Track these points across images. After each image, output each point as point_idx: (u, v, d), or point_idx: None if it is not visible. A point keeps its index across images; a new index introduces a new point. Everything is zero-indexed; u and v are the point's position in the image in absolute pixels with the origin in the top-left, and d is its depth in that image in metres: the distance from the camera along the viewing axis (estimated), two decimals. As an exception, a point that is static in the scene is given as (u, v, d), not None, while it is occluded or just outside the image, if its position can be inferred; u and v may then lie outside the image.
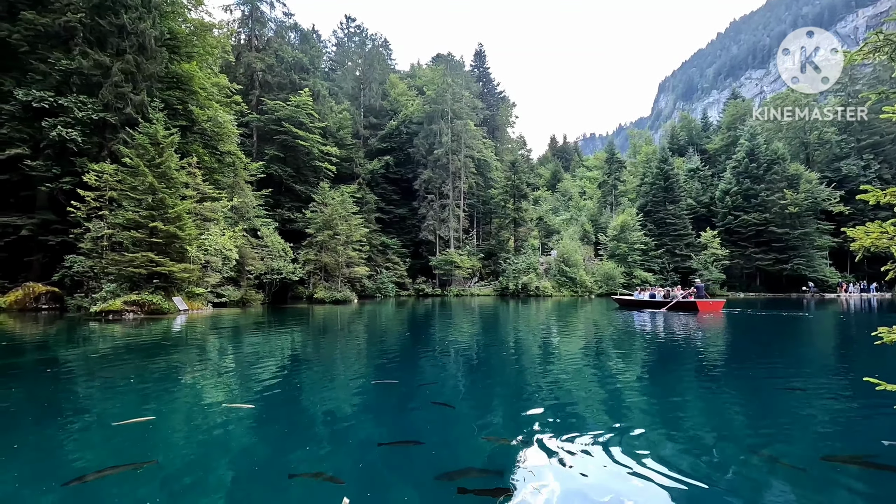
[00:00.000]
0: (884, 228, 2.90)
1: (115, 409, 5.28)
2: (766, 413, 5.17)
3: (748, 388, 6.48)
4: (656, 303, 23.49)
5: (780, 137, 54.81)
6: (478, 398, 5.99)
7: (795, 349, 11.04)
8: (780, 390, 6.23)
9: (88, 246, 20.44)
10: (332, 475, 3.31)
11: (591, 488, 3.17)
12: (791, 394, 5.98)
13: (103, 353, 9.60)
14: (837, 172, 50.39)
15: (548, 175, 78.62)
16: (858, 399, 5.62)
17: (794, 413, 5.17)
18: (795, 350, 10.89)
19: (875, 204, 3.05)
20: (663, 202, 52.59)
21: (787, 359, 9.35)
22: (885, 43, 3.13)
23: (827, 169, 51.57)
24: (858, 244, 3.02)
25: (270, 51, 42.58)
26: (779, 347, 11.11)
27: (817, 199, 47.33)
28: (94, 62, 22.09)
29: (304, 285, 34.22)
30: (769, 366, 8.38)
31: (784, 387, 6.39)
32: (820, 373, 7.73)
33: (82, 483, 3.20)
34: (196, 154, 25.25)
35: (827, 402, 5.58)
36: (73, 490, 3.11)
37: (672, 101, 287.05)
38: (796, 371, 7.82)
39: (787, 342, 12.17)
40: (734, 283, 50.02)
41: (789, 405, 5.50)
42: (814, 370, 7.97)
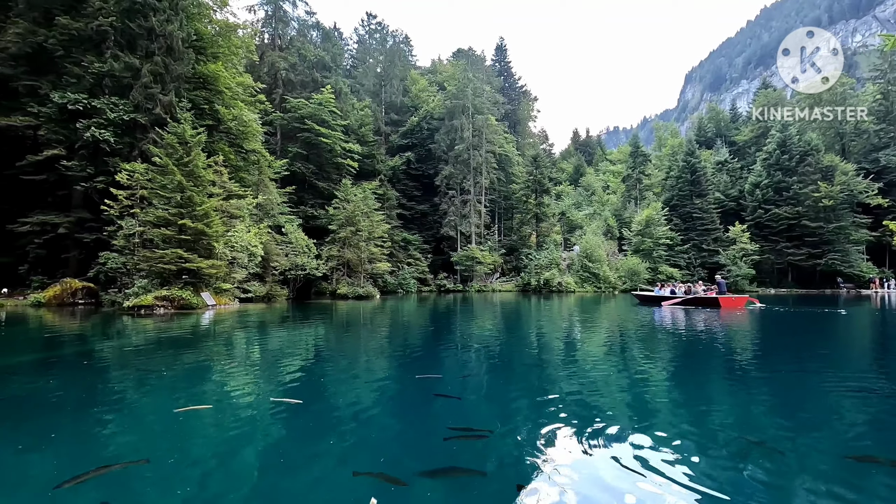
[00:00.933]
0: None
1: (151, 399, 5.45)
2: (792, 411, 5.01)
3: (773, 385, 6.28)
4: (677, 299, 23.02)
5: (813, 128, 52.73)
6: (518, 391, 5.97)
7: (824, 347, 10.66)
8: (809, 388, 6.04)
9: (121, 243, 21.13)
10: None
11: (609, 485, 3.13)
12: (821, 392, 5.78)
13: (138, 346, 9.93)
14: (875, 163, 48.18)
15: (570, 169, 77.59)
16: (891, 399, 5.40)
17: (822, 411, 5.00)
18: (823, 348, 10.50)
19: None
20: (690, 196, 51.28)
21: (816, 357, 9.03)
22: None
23: (864, 160, 49.40)
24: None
25: (293, 49, 43.13)
26: (806, 345, 10.75)
27: (853, 191, 45.34)
28: (125, 64, 22.74)
29: (327, 281, 34.67)
30: (794, 363, 8.09)
31: (815, 385, 6.19)
32: (848, 371, 7.45)
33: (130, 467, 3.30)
34: (222, 152, 25.79)
35: (856, 401, 5.37)
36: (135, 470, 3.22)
37: (699, 92, 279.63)
38: (825, 369, 7.55)
39: (815, 339, 11.77)
40: (764, 279, 48.50)
41: (818, 403, 5.31)
42: (842, 368, 7.69)
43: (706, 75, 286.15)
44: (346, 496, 3.01)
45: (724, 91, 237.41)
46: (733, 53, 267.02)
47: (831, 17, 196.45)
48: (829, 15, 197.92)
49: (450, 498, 3.07)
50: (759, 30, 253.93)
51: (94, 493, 2.99)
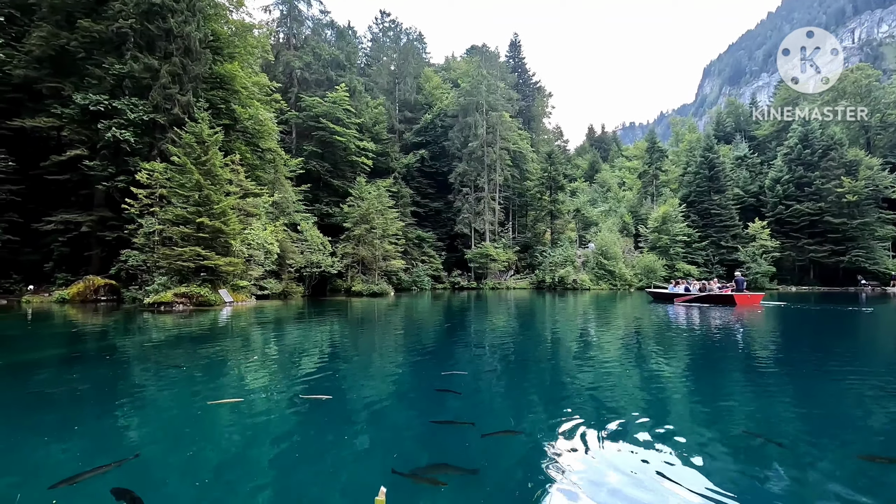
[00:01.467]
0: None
1: (172, 393, 5.56)
2: (812, 411, 4.90)
3: (790, 384, 6.16)
4: (692, 296, 22.74)
5: (837, 121, 51.34)
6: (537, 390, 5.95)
7: (845, 346, 10.40)
8: (828, 387, 5.90)
9: (141, 241, 21.57)
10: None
11: (622, 483, 3.10)
12: (840, 391, 5.65)
13: (159, 341, 10.13)
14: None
15: (585, 166, 76.88)
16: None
17: (843, 411, 4.88)
18: (844, 346, 10.25)
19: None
20: (708, 192, 50.39)
21: (835, 356, 8.81)
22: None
23: (890, 154, 48.03)
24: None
25: (308, 49, 43.47)
26: (826, 343, 10.53)
27: (879, 186, 44.04)
28: (144, 65, 23.15)
29: (342, 278, 34.94)
30: (813, 362, 7.91)
31: (834, 384, 6.05)
32: (868, 369, 7.25)
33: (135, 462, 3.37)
34: (239, 151, 26.13)
35: (877, 400, 5.23)
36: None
37: (718, 85, 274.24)
38: (844, 367, 7.37)
39: (834, 338, 11.50)
40: (785, 277, 47.50)
41: (837, 403, 5.19)
42: (862, 367, 7.49)
43: (725, 69, 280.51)
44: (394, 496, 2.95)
45: (744, 85, 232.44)
46: (753, 46, 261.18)
47: (856, 6, 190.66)
48: (853, 5, 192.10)
49: (457, 494, 3.07)
50: (780, 21, 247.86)
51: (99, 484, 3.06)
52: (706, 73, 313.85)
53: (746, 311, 17.65)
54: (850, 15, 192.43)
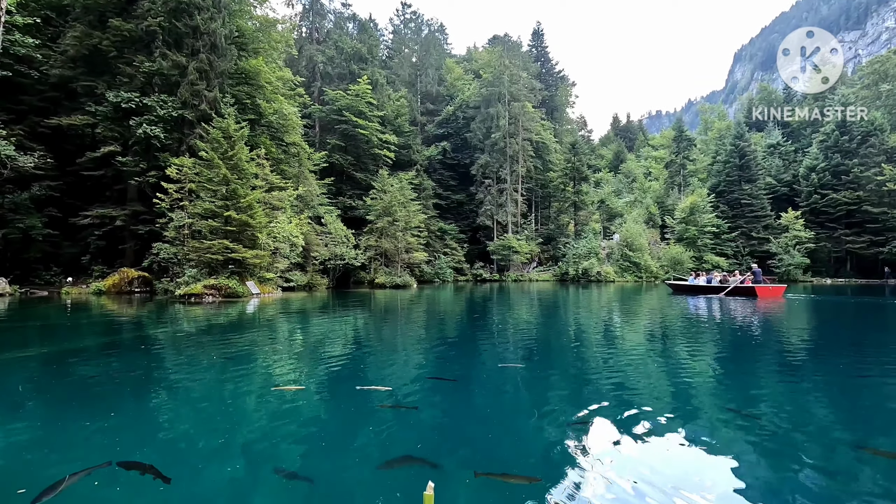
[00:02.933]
0: None
1: (205, 381, 5.74)
2: (836, 406, 4.74)
3: (813, 377, 5.96)
4: (712, 288, 22.32)
5: (877, 106, 48.95)
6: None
7: (871, 337, 9.98)
8: (850, 380, 5.69)
9: (172, 234, 22.22)
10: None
11: (646, 477, 3.06)
12: (859, 384, 5.44)
13: (190, 332, 10.45)
14: (949, 143, 44.38)
15: (610, 156, 75.48)
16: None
17: (863, 405, 4.70)
18: (869, 339, 9.82)
19: None
20: (738, 181, 48.90)
21: (863, 348, 8.47)
22: None
23: (935, 139, 45.60)
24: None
25: (330, 42, 43.75)
26: (851, 336, 10.14)
27: (923, 174, 41.99)
28: (173, 63, 23.69)
29: (365, 270, 35.32)
30: (838, 355, 7.63)
31: (855, 377, 5.83)
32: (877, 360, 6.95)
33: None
34: (264, 146, 26.56)
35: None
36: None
37: (749, 71, 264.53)
38: (867, 360, 7.08)
39: (862, 331, 11.13)
40: (820, 269, 45.87)
41: (859, 397, 5.00)
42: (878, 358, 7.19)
43: (757, 53, 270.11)
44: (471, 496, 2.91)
45: (778, 70, 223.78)
46: (788, 29, 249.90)
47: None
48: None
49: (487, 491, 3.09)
50: (817, 2, 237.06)
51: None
52: (737, 59, 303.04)
53: (769, 303, 17.24)
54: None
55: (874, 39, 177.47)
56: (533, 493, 2.89)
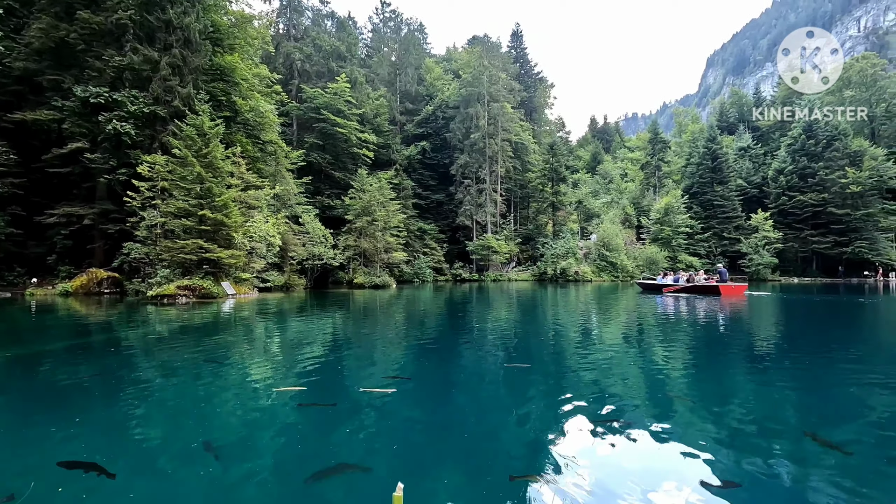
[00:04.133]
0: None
1: (177, 385, 5.61)
2: (796, 399, 4.93)
3: (770, 369, 6.18)
4: (679, 287, 23.44)
5: (842, 111, 50.89)
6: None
7: (824, 333, 10.44)
8: (819, 376, 5.92)
9: (143, 234, 21.63)
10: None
11: (627, 473, 3.13)
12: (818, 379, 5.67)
13: (162, 334, 10.19)
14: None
15: (587, 157, 76.53)
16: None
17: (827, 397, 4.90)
18: (822, 334, 10.30)
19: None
20: (711, 183, 50.24)
21: (811, 343, 8.84)
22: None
23: (895, 144, 47.63)
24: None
25: (308, 40, 43.20)
26: (802, 331, 10.67)
27: (883, 176, 43.74)
28: (144, 57, 23.06)
29: (344, 270, 35.04)
30: (792, 349, 8.03)
31: (822, 372, 6.07)
32: (831, 355, 7.28)
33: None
34: (240, 144, 26.06)
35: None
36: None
37: (721, 76, 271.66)
38: (817, 353, 7.39)
39: (815, 326, 11.83)
40: (788, 268, 47.46)
41: (826, 390, 5.22)
42: (828, 352, 7.52)
43: (729, 58, 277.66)
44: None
45: (748, 74, 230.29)
46: (758, 35, 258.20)
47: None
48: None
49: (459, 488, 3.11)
50: (785, 10, 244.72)
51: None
52: (710, 63, 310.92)
53: (731, 302, 18.15)
54: (855, 3, 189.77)
55: (841, 45, 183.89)
56: (510, 491, 2.92)
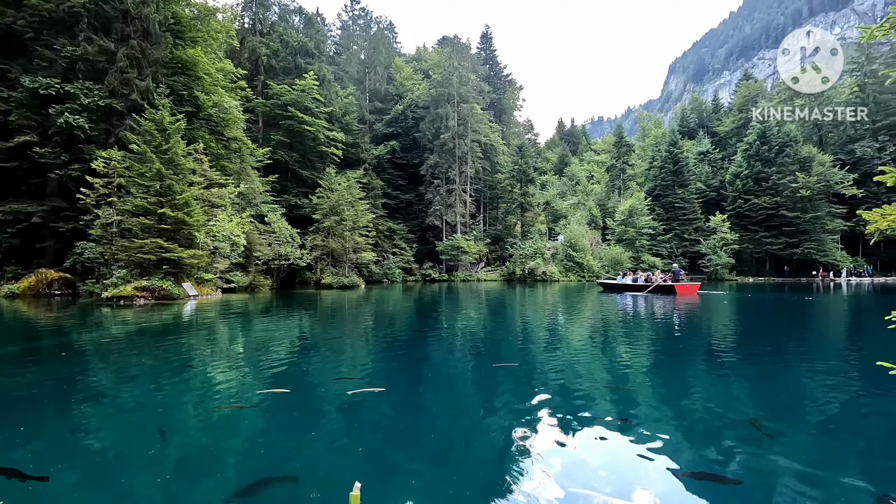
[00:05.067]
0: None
1: (133, 391, 5.38)
2: (745, 390, 5.18)
3: (719, 362, 6.49)
4: (638, 286, 24.63)
5: (792, 119, 53.57)
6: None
7: (763, 328, 11.10)
8: (764, 368, 6.25)
9: (98, 232, 20.66)
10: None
11: (595, 470, 3.21)
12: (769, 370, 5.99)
13: (118, 337, 9.76)
14: (851, 154, 49.16)
15: (555, 159, 77.83)
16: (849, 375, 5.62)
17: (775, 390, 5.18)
18: (762, 329, 10.98)
19: (892, 186, 2.99)
20: (672, 186, 51.99)
21: (760, 338, 9.35)
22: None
23: (840, 151, 50.41)
24: (874, 227, 2.96)
25: (275, 35, 42.22)
26: (751, 327, 11.69)
27: (830, 181, 46.29)
28: (99, 48, 22.05)
29: (311, 271, 34.45)
30: (745, 345, 8.59)
31: (770, 365, 6.40)
32: (785, 350, 7.72)
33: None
34: (202, 140, 25.24)
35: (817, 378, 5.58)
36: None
37: (682, 82, 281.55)
38: (764, 346, 7.82)
39: (764, 323, 12.71)
40: (744, 268, 49.58)
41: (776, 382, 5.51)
42: (767, 345, 7.97)
43: (689, 66, 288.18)
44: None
45: (707, 82, 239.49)
46: (716, 44, 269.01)
47: (811, 9, 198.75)
48: (809, 7, 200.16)
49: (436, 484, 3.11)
50: (741, 21, 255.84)
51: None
52: (671, 70, 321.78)
53: (685, 300, 19.35)
54: (806, 16, 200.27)
55: (791, 57, 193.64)
56: (476, 490, 2.94)
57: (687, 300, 19.19)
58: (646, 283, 25.01)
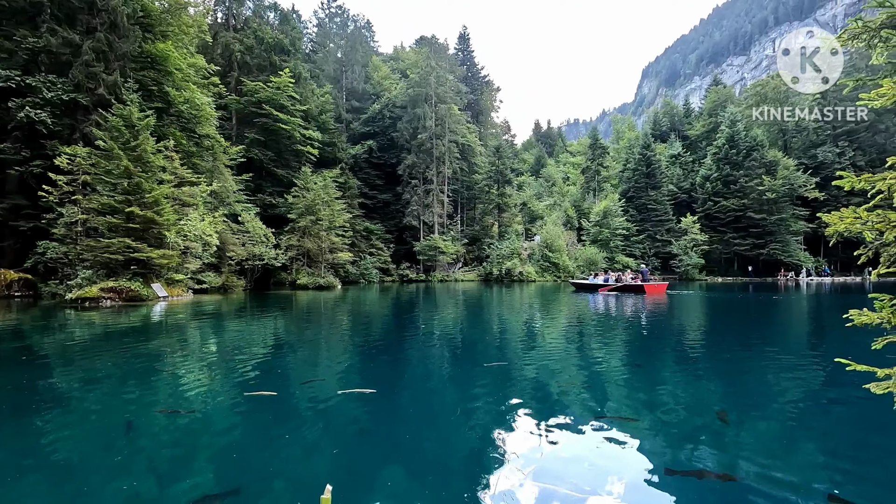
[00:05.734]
0: (857, 214, 2.98)
1: (98, 397, 5.20)
2: (704, 382, 5.35)
3: (684, 360, 6.69)
4: (609, 286, 25.38)
5: (759, 124, 55.53)
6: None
7: (728, 325, 11.50)
8: (721, 365, 6.46)
9: (62, 232, 19.89)
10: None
11: (568, 464, 3.25)
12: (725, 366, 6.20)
13: (83, 340, 9.42)
14: (813, 159, 51.32)
15: (531, 160, 78.69)
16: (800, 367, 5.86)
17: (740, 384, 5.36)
18: (726, 326, 11.38)
19: (849, 190, 3.14)
20: (645, 188, 53.18)
21: (722, 335, 9.68)
22: (864, 30, 3.17)
23: (804, 155, 52.51)
24: (833, 229, 3.10)
25: (249, 31, 41.39)
26: (718, 325, 12.20)
27: (794, 185, 48.20)
28: (63, 40, 21.24)
29: (286, 271, 33.92)
30: (712, 342, 8.85)
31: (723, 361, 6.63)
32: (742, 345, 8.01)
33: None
34: (173, 137, 24.58)
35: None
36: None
37: (655, 86, 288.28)
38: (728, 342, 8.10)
39: (723, 319, 13.44)
40: (713, 268, 51.07)
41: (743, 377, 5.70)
42: (740, 344, 8.26)
43: (662, 71, 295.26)
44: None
45: (679, 87, 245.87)
46: (687, 50, 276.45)
47: (777, 18, 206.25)
48: (774, 17, 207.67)
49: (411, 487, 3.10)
50: (711, 28, 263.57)
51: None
52: (645, 74, 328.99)
53: (654, 298, 20.23)
54: (771, 25, 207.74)
55: (757, 65, 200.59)
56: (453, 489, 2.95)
57: (655, 299, 20.05)
58: (616, 282, 25.79)
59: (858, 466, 3.35)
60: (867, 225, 2.95)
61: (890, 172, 2.95)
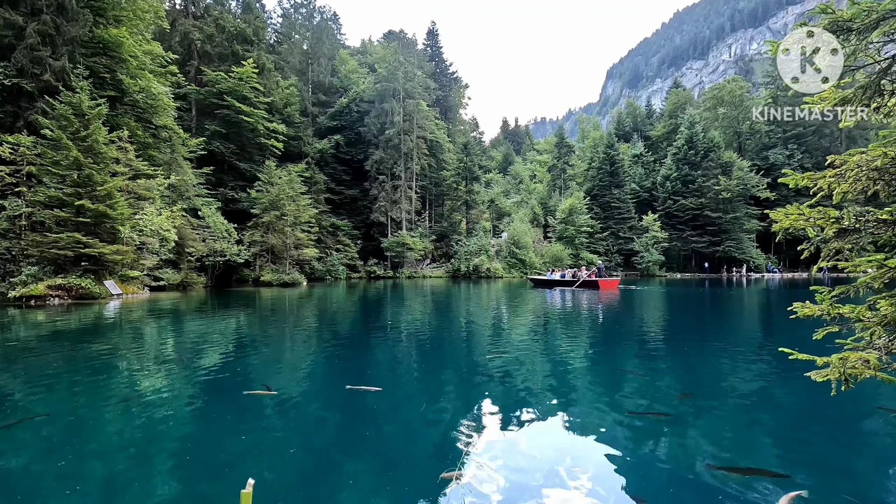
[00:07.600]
0: (801, 211, 3.12)
1: (42, 398, 4.91)
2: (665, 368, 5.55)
3: (643, 349, 6.93)
4: (565, 282, 26.42)
5: (716, 126, 57.88)
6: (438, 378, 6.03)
7: (680, 317, 12.02)
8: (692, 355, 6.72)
9: (4, 225, 18.69)
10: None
11: (533, 460, 3.28)
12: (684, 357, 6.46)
13: (27, 340, 8.88)
14: (765, 160, 53.94)
15: (500, 158, 79.33)
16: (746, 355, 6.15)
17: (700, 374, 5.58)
18: (679, 318, 11.90)
19: (796, 189, 3.28)
20: (609, 186, 54.54)
21: (682, 326, 10.09)
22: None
23: (756, 157, 55.10)
24: (779, 226, 3.23)
25: (210, 19, 39.93)
26: (669, 316, 12.60)
27: (747, 185, 50.56)
28: (5, 21, 19.93)
29: (249, 268, 33.04)
30: (666, 332, 9.11)
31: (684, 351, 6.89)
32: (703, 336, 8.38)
33: None
34: (127, 127, 23.48)
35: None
36: None
37: (619, 87, 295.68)
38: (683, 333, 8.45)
39: (678, 312, 13.99)
40: (672, 265, 52.94)
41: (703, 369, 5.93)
42: (701, 335, 8.64)
43: (626, 72, 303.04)
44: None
45: (641, 88, 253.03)
46: (650, 53, 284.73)
47: (733, 25, 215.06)
48: (731, 23, 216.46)
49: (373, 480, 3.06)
50: (672, 32, 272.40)
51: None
52: (609, 75, 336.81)
53: (608, 293, 21.36)
54: (728, 31, 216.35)
55: (714, 69, 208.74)
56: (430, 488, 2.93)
57: (609, 293, 21.16)
58: (572, 279, 26.68)
59: (797, 444, 3.64)
60: (809, 221, 3.09)
61: (830, 171, 3.11)
